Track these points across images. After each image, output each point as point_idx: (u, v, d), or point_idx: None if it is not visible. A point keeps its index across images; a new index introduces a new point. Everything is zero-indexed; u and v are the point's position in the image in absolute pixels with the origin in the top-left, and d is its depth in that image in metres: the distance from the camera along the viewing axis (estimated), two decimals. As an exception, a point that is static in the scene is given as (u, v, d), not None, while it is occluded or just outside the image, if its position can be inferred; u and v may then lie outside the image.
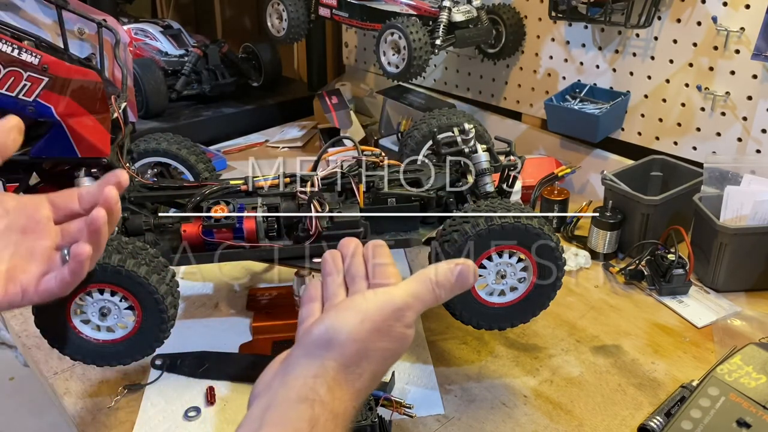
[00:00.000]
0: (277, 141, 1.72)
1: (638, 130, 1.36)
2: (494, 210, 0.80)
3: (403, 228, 0.90)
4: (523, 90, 1.55)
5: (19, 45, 0.74)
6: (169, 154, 1.03)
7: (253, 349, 0.96)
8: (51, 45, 0.86)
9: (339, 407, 0.45)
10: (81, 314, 0.81)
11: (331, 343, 0.46)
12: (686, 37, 1.23)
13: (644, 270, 1.09)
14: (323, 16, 1.52)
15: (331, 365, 0.46)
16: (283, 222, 0.88)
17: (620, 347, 0.97)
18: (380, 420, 0.80)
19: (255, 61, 1.87)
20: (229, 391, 0.88)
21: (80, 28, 0.95)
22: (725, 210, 1.06)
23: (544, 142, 1.51)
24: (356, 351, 0.46)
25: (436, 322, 1.01)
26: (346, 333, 0.47)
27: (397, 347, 0.49)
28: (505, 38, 1.46)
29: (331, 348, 0.46)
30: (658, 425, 0.78)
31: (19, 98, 0.75)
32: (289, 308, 1.01)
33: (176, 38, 1.80)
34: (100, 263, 0.76)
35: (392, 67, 1.33)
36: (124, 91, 0.93)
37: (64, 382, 0.91)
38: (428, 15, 1.33)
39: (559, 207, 1.24)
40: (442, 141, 0.96)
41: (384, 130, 1.67)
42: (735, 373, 0.81)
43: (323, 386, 0.45)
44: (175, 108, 1.74)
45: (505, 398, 0.87)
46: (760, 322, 1.01)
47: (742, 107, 1.19)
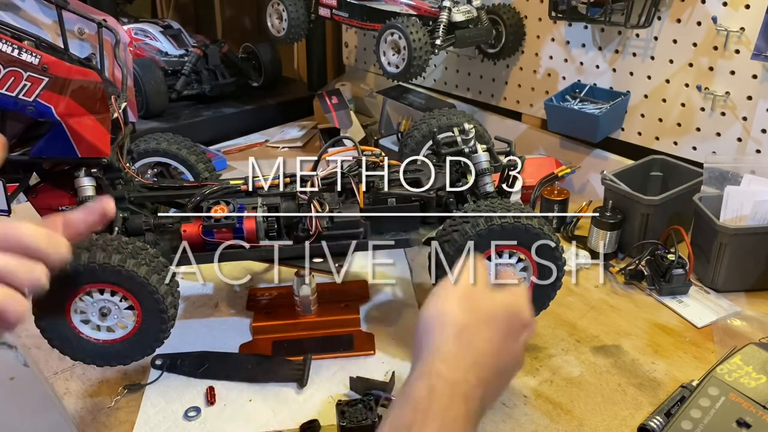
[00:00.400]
0: (277, 141, 1.72)
1: (638, 130, 1.36)
2: (494, 210, 0.80)
3: (403, 228, 0.90)
4: (523, 90, 1.55)
5: (19, 45, 0.74)
6: (169, 154, 1.03)
7: (253, 349, 0.96)
8: (51, 45, 0.85)
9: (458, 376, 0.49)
10: (81, 314, 0.81)
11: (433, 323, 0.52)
12: (686, 37, 1.23)
13: (644, 270, 1.09)
14: (323, 16, 1.52)
15: (440, 338, 0.50)
16: (283, 222, 0.88)
17: (620, 347, 0.97)
18: (380, 420, 0.80)
19: (255, 61, 1.87)
20: (229, 391, 0.88)
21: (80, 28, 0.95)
22: (725, 210, 1.06)
23: (544, 142, 1.51)
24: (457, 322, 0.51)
25: (436, 322, 1.01)
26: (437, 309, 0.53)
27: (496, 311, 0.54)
28: (505, 38, 1.46)
29: (434, 326, 0.51)
30: (658, 425, 0.78)
31: (19, 98, 0.75)
32: (289, 308, 1.01)
33: (176, 38, 1.80)
34: (100, 263, 0.76)
35: (392, 67, 1.33)
36: (124, 91, 0.93)
37: (64, 382, 0.91)
38: (428, 15, 1.33)
39: (559, 207, 1.24)
40: (442, 141, 0.96)
41: (384, 130, 1.67)
42: (735, 373, 0.81)
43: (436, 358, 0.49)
44: (175, 108, 1.74)
45: (505, 398, 0.87)
46: (760, 322, 1.01)
47: (742, 107, 1.19)
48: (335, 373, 0.91)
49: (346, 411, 0.80)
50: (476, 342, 0.51)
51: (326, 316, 1.00)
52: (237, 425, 0.84)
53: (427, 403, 0.46)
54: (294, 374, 0.90)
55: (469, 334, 0.51)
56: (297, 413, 0.85)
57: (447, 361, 0.49)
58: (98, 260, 0.76)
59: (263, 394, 0.88)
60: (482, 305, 0.54)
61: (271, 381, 0.90)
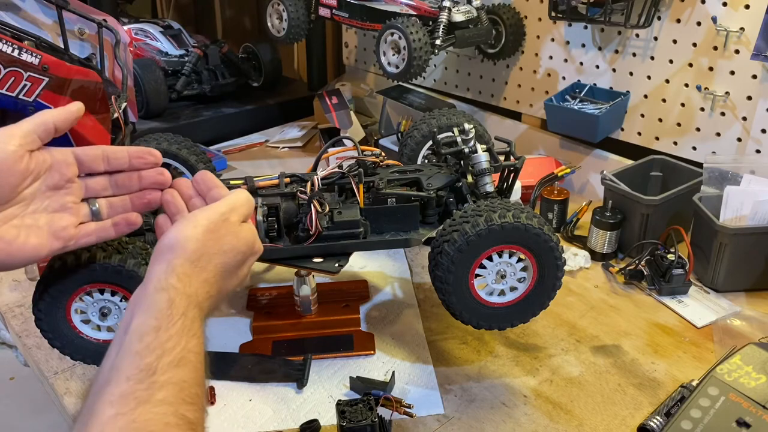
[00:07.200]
0: (277, 141, 1.72)
1: (638, 130, 1.36)
2: (494, 210, 0.80)
3: (403, 228, 0.90)
4: (523, 90, 1.55)
5: (20, 45, 0.74)
6: (169, 154, 1.03)
7: (253, 349, 0.96)
8: (51, 45, 0.86)
9: (191, 290, 0.57)
10: (81, 314, 0.81)
11: (174, 247, 0.58)
12: (686, 37, 1.23)
13: (644, 270, 1.10)
14: (323, 16, 1.52)
15: (177, 262, 0.57)
16: (283, 222, 0.88)
17: (620, 347, 0.97)
18: (380, 420, 0.80)
19: (255, 61, 1.87)
20: (229, 391, 0.89)
21: (80, 28, 0.95)
22: (725, 210, 1.06)
23: (544, 142, 1.51)
24: (195, 249, 0.58)
25: (436, 322, 1.01)
26: (183, 236, 0.59)
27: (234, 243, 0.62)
28: (505, 38, 1.46)
29: (174, 250, 0.58)
30: (657, 425, 0.78)
31: (19, 98, 0.75)
32: (289, 308, 1.01)
33: (176, 38, 1.80)
34: (100, 263, 0.76)
35: (392, 67, 1.33)
36: (124, 91, 0.93)
37: (64, 382, 0.91)
38: (428, 15, 1.33)
39: (559, 207, 1.24)
40: (442, 141, 0.96)
41: (384, 130, 1.67)
42: (735, 373, 0.81)
43: (173, 277, 0.56)
44: (175, 108, 1.74)
45: (505, 398, 0.87)
46: (759, 322, 1.01)
47: (741, 107, 1.19)
48: (335, 373, 0.92)
49: (346, 411, 0.80)
50: (210, 266, 0.60)
51: (326, 316, 1.00)
52: (237, 425, 0.84)
53: (169, 311, 0.54)
54: (294, 374, 0.90)
55: (205, 260, 0.59)
56: (297, 413, 0.85)
57: (182, 281, 0.56)
58: (98, 260, 0.76)
59: (263, 394, 0.88)
60: (225, 240, 0.61)
61: (271, 381, 0.90)
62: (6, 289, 1.11)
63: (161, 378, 0.50)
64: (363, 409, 0.80)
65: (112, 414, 0.47)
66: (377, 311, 1.04)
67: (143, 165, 0.68)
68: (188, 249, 0.58)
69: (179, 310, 0.54)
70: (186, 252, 0.58)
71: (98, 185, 0.68)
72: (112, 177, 0.69)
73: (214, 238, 0.60)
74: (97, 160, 0.67)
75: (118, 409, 0.47)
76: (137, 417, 0.47)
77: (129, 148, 0.69)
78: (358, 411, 0.80)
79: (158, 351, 0.51)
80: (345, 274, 1.01)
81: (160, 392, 0.49)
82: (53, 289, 0.78)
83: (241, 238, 0.63)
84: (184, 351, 0.53)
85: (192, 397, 0.51)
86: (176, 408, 0.49)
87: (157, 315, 0.53)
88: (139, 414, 0.47)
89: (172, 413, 0.49)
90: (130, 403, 0.47)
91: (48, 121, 0.63)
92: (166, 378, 0.50)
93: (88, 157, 0.67)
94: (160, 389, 0.49)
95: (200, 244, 0.59)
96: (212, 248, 0.60)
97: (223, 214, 0.62)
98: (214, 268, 0.60)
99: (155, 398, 0.49)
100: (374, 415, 0.79)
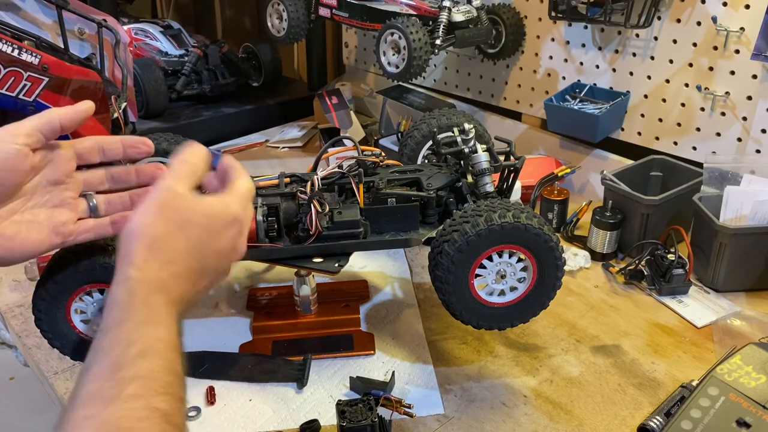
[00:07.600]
0: (277, 141, 1.72)
1: (638, 130, 1.36)
2: (494, 210, 0.80)
3: (403, 228, 0.90)
4: (523, 90, 1.55)
5: (20, 45, 0.74)
6: (169, 154, 1.03)
7: (253, 349, 0.96)
8: (51, 45, 0.86)
9: (151, 275, 0.54)
10: (81, 314, 0.81)
11: (129, 237, 0.56)
12: (686, 37, 1.23)
13: (644, 270, 1.10)
14: (323, 16, 1.52)
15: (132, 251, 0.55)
16: (283, 222, 0.88)
17: (620, 347, 0.97)
18: (380, 419, 0.80)
19: (255, 61, 1.87)
20: (229, 391, 0.89)
21: (80, 28, 0.95)
22: (725, 210, 1.06)
23: (544, 142, 1.51)
24: (147, 232, 0.56)
25: (436, 322, 1.01)
26: (135, 223, 0.56)
27: (190, 215, 0.58)
28: (505, 38, 1.46)
29: (128, 240, 0.56)
30: (657, 425, 0.78)
31: (19, 98, 0.76)
32: (289, 308, 1.01)
33: (176, 38, 1.80)
34: (100, 263, 0.76)
35: (392, 67, 1.33)
36: (124, 91, 0.93)
37: (64, 382, 0.91)
38: (428, 15, 1.33)
39: (559, 207, 1.24)
40: (442, 141, 0.96)
41: (384, 130, 1.67)
42: (735, 373, 0.81)
43: (130, 268, 0.54)
44: (175, 108, 1.74)
45: (505, 398, 0.87)
46: (759, 322, 1.01)
47: (741, 107, 1.19)
48: (335, 373, 0.92)
49: (346, 411, 0.80)
50: (169, 246, 0.56)
51: (326, 316, 1.00)
52: (237, 425, 0.84)
53: (130, 302, 0.52)
54: (294, 374, 0.90)
55: (161, 241, 0.56)
56: (297, 413, 0.85)
57: (140, 268, 0.54)
58: (98, 260, 0.76)
59: (263, 394, 0.88)
60: (179, 213, 0.57)
61: (271, 381, 0.90)
62: (6, 289, 1.11)
63: (128, 372, 0.48)
64: (363, 409, 0.80)
65: (83, 416, 0.46)
66: (377, 311, 1.04)
67: (137, 154, 0.68)
68: (140, 234, 0.56)
69: (140, 299, 0.53)
70: (139, 238, 0.55)
71: (95, 179, 0.68)
72: (108, 171, 0.69)
73: (166, 215, 0.57)
74: (93, 151, 0.67)
75: (89, 410, 0.46)
76: (108, 416, 0.46)
77: (123, 138, 0.68)
78: (358, 411, 0.80)
79: (123, 344, 0.50)
80: (345, 274, 1.01)
81: (129, 387, 0.48)
82: (53, 289, 0.78)
83: (197, 209, 0.58)
84: (150, 340, 0.51)
85: (164, 387, 0.49)
86: (148, 401, 0.48)
87: (120, 308, 0.52)
88: (109, 413, 0.46)
89: (143, 407, 0.47)
90: (100, 403, 0.47)
91: (54, 120, 0.63)
92: (134, 371, 0.49)
93: (85, 149, 0.67)
94: (129, 384, 0.48)
95: (151, 226, 0.56)
96: (167, 226, 0.57)
97: (169, 189, 0.58)
98: (177, 246, 0.57)
99: (125, 394, 0.47)
100: (374, 415, 0.79)
